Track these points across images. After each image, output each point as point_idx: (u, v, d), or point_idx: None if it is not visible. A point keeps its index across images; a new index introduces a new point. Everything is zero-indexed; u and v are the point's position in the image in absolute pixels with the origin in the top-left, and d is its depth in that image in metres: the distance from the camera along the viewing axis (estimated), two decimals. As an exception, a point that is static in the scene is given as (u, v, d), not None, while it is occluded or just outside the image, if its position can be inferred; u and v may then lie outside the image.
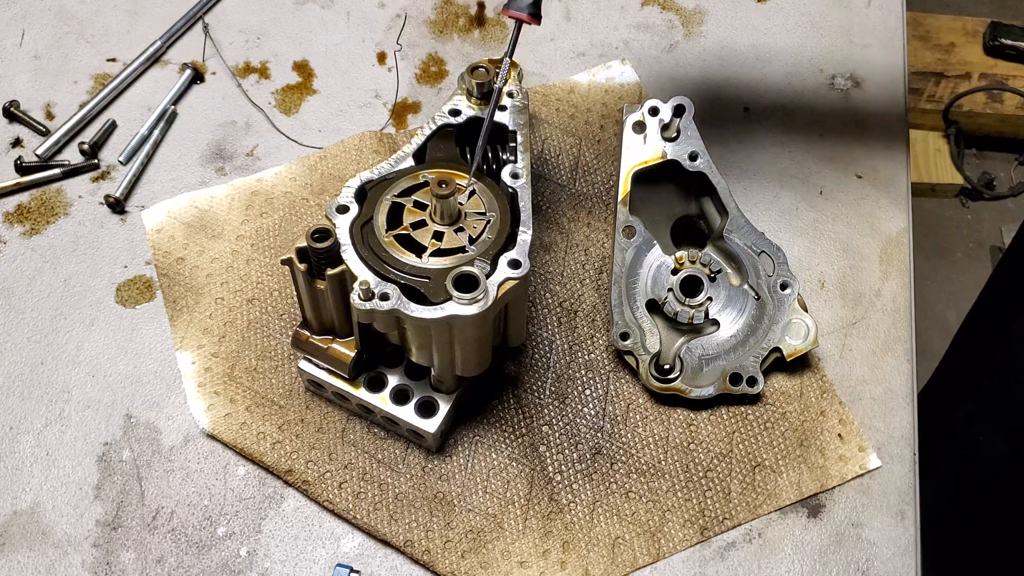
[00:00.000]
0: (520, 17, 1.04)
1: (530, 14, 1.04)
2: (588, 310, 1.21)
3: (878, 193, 1.33)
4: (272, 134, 1.37)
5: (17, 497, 1.08)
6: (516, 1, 1.04)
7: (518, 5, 1.04)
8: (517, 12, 1.04)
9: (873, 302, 1.24)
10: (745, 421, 1.14)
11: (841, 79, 1.45)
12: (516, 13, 1.04)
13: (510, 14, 1.04)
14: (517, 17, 1.04)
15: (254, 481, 1.10)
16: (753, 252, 1.17)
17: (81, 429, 1.12)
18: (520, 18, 1.04)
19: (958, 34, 3.00)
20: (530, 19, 1.04)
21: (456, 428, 1.12)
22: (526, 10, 1.04)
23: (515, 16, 1.04)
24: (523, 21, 1.04)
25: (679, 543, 1.07)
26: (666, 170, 1.21)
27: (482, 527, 1.06)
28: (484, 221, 1.02)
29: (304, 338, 1.07)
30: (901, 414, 1.16)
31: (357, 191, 1.02)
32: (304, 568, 1.05)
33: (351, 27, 1.49)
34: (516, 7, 1.04)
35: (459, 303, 0.93)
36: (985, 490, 1.56)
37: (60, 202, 1.30)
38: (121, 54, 1.44)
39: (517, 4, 1.04)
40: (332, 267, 0.98)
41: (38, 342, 1.18)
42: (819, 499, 1.10)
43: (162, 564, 1.05)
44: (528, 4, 1.04)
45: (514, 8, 1.04)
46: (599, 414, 1.14)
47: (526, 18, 1.04)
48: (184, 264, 1.23)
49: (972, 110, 2.95)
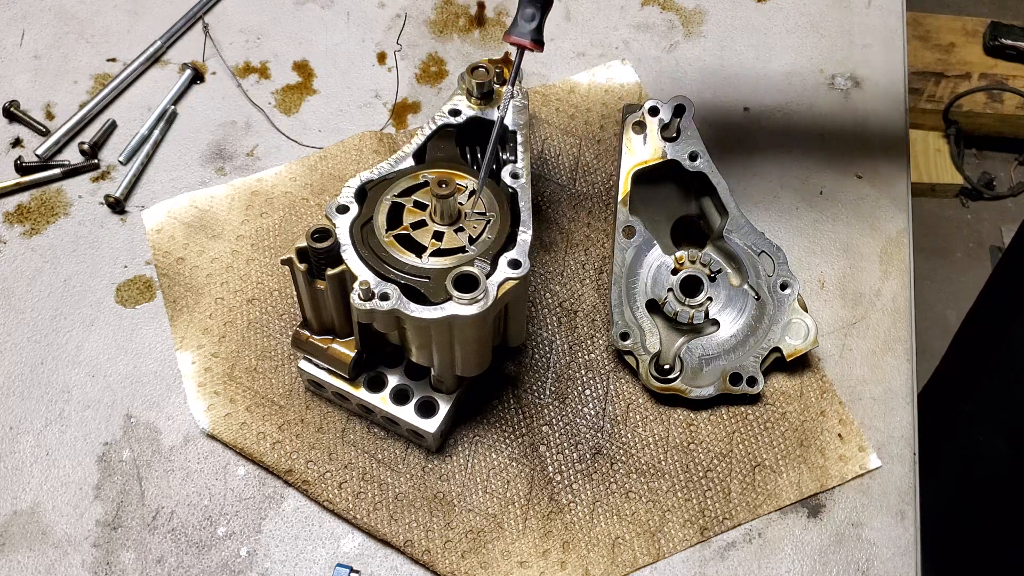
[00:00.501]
0: (522, 44, 1.02)
1: (532, 40, 1.01)
2: (588, 310, 1.21)
3: (878, 193, 1.33)
4: (272, 134, 1.37)
5: (17, 497, 1.08)
6: (517, 27, 1.02)
7: (519, 32, 1.02)
8: (519, 39, 1.02)
9: (873, 302, 1.24)
10: (745, 421, 1.14)
11: (841, 79, 1.45)
12: (518, 40, 1.02)
13: (512, 40, 1.02)
14: (519, 44, 1.02)
15: (254, 481, 1.10)
16: (753, 252, 1.17)
17: (81, 429, 1.12)
18: (522, 45, 1.02)
19: (958, 34, 3.00)
20: (532, 46, 1.02)
21: (456, 428, 1.12)
22: (528, 36, 1.01)
23: (517, 43, 1.02)
24: (525, 48, 1.02)
25: (679, 543, 1.07)
26: (666, 170, 1.21)
27: (482, 527, 1.06)
28: (484, 221, 1.02)
29: (304, 338, 1.07)
30: (901, 414, 1.16)
31: (357, 191, 1.02)
32: (304, 568, 1.05)
33: (351, 27, 1.49)
34: (518, 33, 1.02)
35: (459, 303, 0.93)
36: (985, 490, 1.56)
37: (60, 202, 1.30)
38: (121, 54, 1.44)
39: (518, 31, 1.02)
40: (332, 267, 0.98)
41: (38, 342, 1.18)
42: (819, 499, 1.10)
43: (162, 564, 1.05)
44: (531, 31, 1.01)
45: (515, 35, 1.02)
46: (599, 414, 1.14)
47: (528, 45, 1.02)
48: (184, 264, 1.23)
49: (972, 110, 2.95)
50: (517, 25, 1.02)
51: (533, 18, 1.01)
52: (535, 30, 1.01)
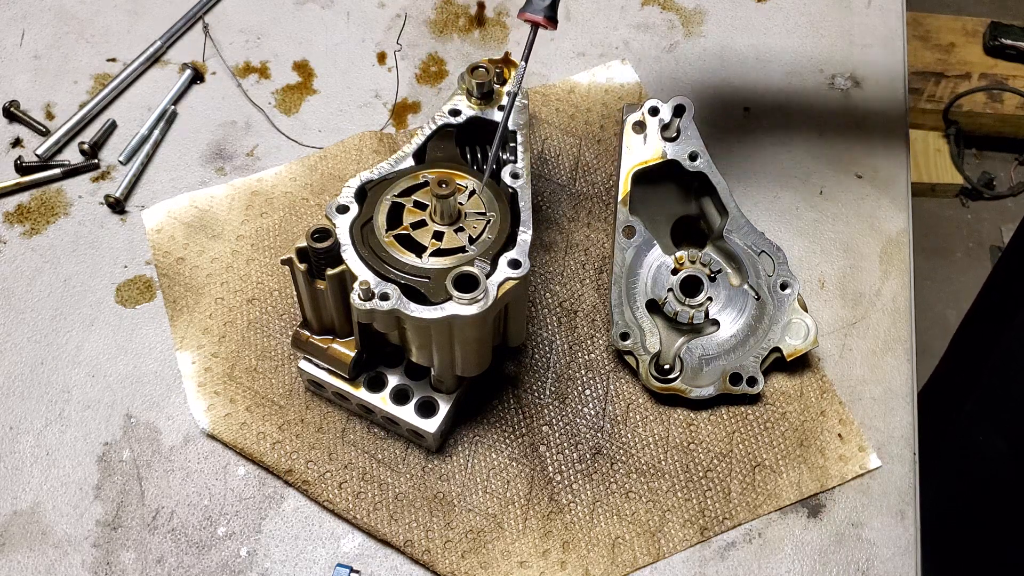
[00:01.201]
0: (536, 20, 1.01)
1: (546, 17, 1.01)
2: (588, 310, 1.21)
3: (878, 193, 1.33)
4: (272, 134, 1.37)
5: (17, 497, 1.08)
6: (532, 4, 1.01)
7: (534, 8, 1.01)
8: (533, 16, 1.01)
9: (873, 302, 1.24)
10: (745, 421, 1.14)
11: (841, 79, 1.45)
12: (532, 16, 1.01)
13: (526, 17, 1.01)
14: (533, 20, 1.01)
15: (254, 481, 1.10)
16: (753, 252, 1.17)
17: (81, 429, 1.12)
18: (536, 21, 1.01)
19: (958, 34, 3.00)
20: (547, 23, 1.01)
21: (456, 428, 1.12)
22: (543, 13, 1.00)
23: (531, 20, 1.01)
24: (539, 25, 1.01)
25: (679, 543, 1.07)
26: (666, 170, 1.21)
27: (482, 527, 1.06)
28: (484, 221, 1.02)
29: (304, 338, 1.07)
30: (901, 414, 1.16)
31: (357, 191, 1.02)
32: (304, 568, 1.05)
33: (351, 27, 1.49)
34: (532, 10, 1.01)
35: (459, 303, 0.93)
36: (985, 490, 1.56)
37: (60, 202, 1.30)
38: (121, 54, 1.44)
39: (533, 7, 1.01)
40: (332, 267, 0.98)
41: (38, 342, 1.18)
42: (819, 499, 1.10)
43: (162, 564, 1.05)
44: (545, 7, 1.00)
45: (530, 11, 1.01)
46: (599, 414, 1.14)
47: (542, 21, 1.01)
48: (184, 264, 1.23)
49: (972, 110, 2.95)
50: (531, 2, 1.01)
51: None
52: (549, 7, 1.00)
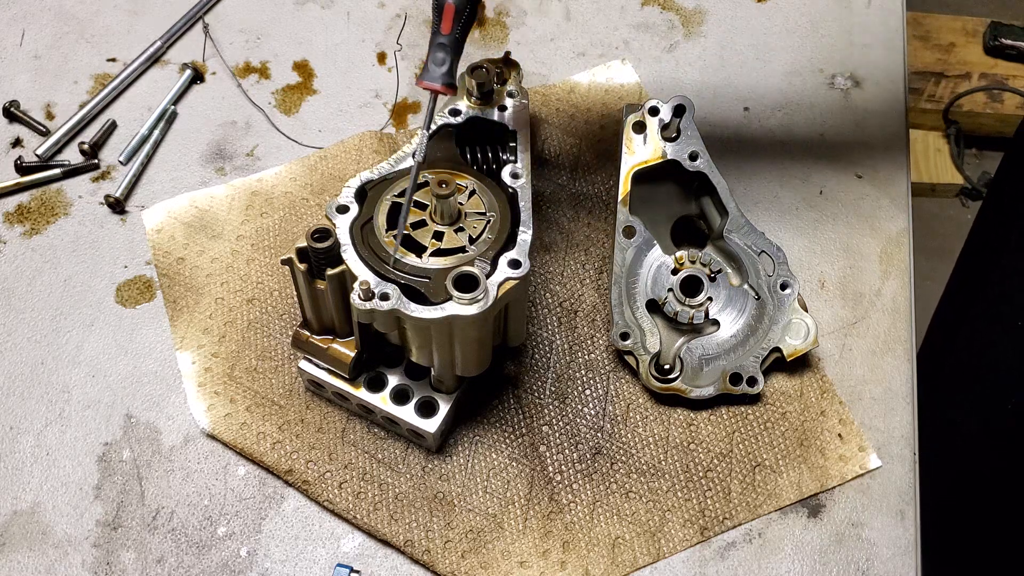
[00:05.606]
0: (434, 88, 1.00)
1: (445, 84, 1.00)
2: (588, 310, 1.21)
3: (878, 193, 1.33)
4: (272, 134, 1.37)
5: (17, 497, 1.08)
6: (429, 72, 1.00)
7: (431, 76, 1.00)
8: (431, 84, 1.00)
9: (873, 302, 1.24)
10: (745, 421, 1.14)
11: (841, 79, 1.45)
12: (429, 84, 1.00)
13: (424, 85, 1.00)
14: (431, 88, 1.00)
15: (254, 481, 1.10)
16: (753, 252, 1.17)
17: (81, 429, 1.12)
18: (434, 89, 1.00)
19: (958, 34, 3.00)
20: (444, 89, 1.00)
21: (456, 428, 1.12)
22: (440, 80, 0.99)
23: (429, 87, 1.00)
24: (437, 92, 1.00)
25: (679, 543, 1.07)
26: (666, 170, 1.21)
27: (482, 527, 1.06)
28: (484, 221, 1.02)
29: (304, 338, 1.07)
30: (901, 414, 1.16)
31: (357, 191, 1.02)
32: (304, 568, 1.05)
33: (351, 27, 1.49)
34: (429, 78, 1.00)
35: (459, 303, 0.93)
36: (985, 490, 1.56)
37: (60, 202, 1.30)
38: (121, 54, 1.44)
39: (430, 75, 1.00)
40: (332, 267, 0.98)
41: (38, 342, 1.18)
42: (819, 499, 1.10)
43: (162, 564, 1.05)
44: (442, 75, 0.99)
45: (427, 79, 1.00)
46: (599, 414, 1.14)
47: (440, 89, 1.00)
48: (184, 264, 1.23)
49: (972, 110, 2.94)
50: (428, 70, 1.00)
51: (444, 62, 0.99)
52: (446, 73, 1.00)
